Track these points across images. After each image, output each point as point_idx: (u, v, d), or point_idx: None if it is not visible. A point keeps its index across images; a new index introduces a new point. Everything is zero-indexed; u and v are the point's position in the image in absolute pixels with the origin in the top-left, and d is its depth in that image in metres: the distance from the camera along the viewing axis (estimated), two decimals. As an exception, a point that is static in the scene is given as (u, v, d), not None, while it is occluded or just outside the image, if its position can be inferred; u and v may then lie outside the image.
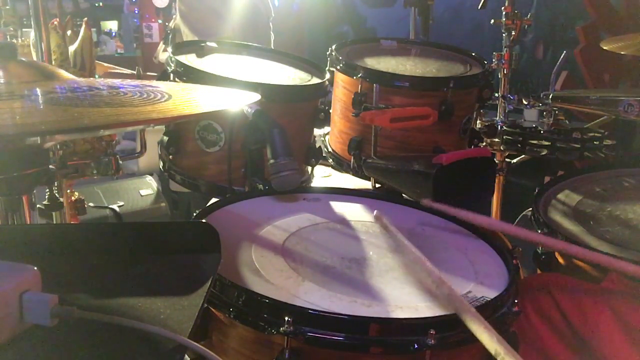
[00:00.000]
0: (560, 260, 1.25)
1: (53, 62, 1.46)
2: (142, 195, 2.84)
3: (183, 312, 0.60)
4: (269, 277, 0.86)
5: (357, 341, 0.75)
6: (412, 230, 1.09)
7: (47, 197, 1.46)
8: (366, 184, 1.58)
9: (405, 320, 0.78)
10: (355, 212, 1.15)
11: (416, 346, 0.74)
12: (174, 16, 2.90)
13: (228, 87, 1.23)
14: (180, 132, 1.43)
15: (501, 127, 1.79)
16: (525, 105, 1.88)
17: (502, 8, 1.76)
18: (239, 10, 2.70)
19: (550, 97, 1.80)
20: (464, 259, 0.99)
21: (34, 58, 1.48)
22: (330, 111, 1.62)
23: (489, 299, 0.84)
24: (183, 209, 3.08)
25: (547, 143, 1.66)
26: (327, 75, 1.57)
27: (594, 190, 1.45)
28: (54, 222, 1.48)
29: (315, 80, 1.55)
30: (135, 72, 1.72)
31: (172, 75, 1.41)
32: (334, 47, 1.63)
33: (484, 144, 1.76)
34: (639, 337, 0.93)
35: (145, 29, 6.51)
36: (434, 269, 0.87)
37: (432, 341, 0.74)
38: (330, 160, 1.68)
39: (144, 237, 0.73)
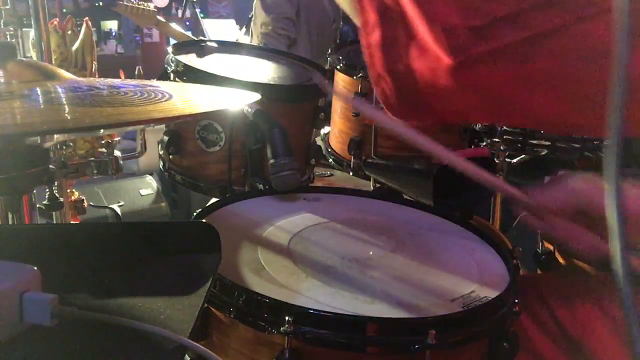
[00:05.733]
0: (561, 260, 1.24)
1: (53, 62, 1.46)
2: (142, 195, 2.84)
3: (183, 312, 0.60)
4: (269, 277, 0.86)
5: (358, 341, 0.75)
6: (413, 231, 1.09)
7: (47, 197, 1.46)
8: (366, 184, 1.58)
9: (405, 320, 0.78)
10: (355, 212, 1.15)
11: (416, 346, 0.74)
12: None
13: (228, 87, 1.23)
14: (180, 131, 1.43)
15: (501, 127, 1.78)
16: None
17: (502, 8, 1.75)
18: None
19: (551, 97, 1.79)
20: (467, 259, 0.99)
21: (34, 59, 1.48)
22: (331, 111, 1.62)
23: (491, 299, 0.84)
24: (183, 209, 3.08)
25: (547, 143, 1.65)
26: (327, 75, 1.57)
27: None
28: (54, 222, 1.48)
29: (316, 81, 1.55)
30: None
31: (172, 75, 1.41)
32: (334, 47, 1.63)
33: (484, 144, 1.76)
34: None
35: (145, 29, 6.50)
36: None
37: (432, 341, 0.74)
38: (330, 160, 1.68)
39: (143, 237, 0.73)
